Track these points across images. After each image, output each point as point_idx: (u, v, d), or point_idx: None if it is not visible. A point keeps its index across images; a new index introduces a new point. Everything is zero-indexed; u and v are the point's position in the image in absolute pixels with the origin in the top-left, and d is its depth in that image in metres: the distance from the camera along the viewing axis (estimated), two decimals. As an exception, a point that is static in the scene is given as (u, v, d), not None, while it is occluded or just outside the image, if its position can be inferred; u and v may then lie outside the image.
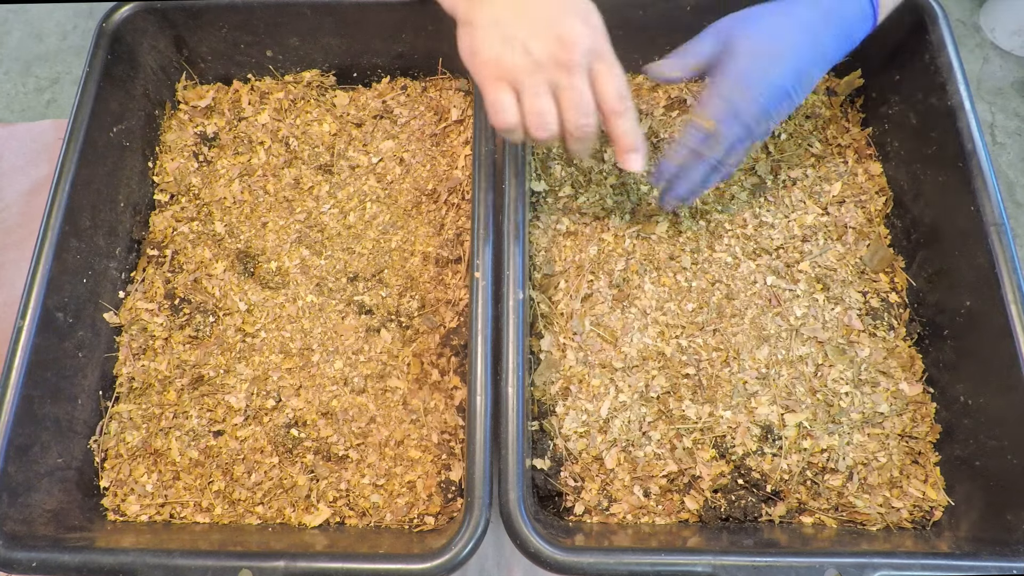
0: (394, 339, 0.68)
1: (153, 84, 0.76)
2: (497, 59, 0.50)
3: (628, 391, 0.64)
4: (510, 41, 0.49)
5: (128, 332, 0.69)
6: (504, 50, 0.50)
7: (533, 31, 0.49)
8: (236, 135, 0.78)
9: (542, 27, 0.49)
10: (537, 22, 0.49)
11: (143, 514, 0.63)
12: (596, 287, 0.68)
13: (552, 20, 0.49)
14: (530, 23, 0.49)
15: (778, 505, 0.60)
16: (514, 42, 0.49)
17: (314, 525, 0.61)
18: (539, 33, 0.49)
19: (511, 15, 0.50)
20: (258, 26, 0.74)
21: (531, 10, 0.50)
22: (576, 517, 0.61)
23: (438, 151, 0.76)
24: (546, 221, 0.72)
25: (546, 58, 0.49)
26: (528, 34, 0.49)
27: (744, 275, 0.68)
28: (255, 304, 0.70)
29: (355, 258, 0.71)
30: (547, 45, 0.49)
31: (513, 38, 0.49)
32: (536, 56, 0.49)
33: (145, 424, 0.65)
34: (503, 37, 0.50)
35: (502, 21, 0.50)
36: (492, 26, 0.50)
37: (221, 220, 0.73)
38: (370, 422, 0.65)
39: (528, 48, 0.49)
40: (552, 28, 0.49)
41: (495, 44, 0.50)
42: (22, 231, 0.78)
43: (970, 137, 0.62)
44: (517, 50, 0.49)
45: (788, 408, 0.63)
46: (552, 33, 0.49)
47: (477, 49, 0.51)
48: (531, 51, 0.49)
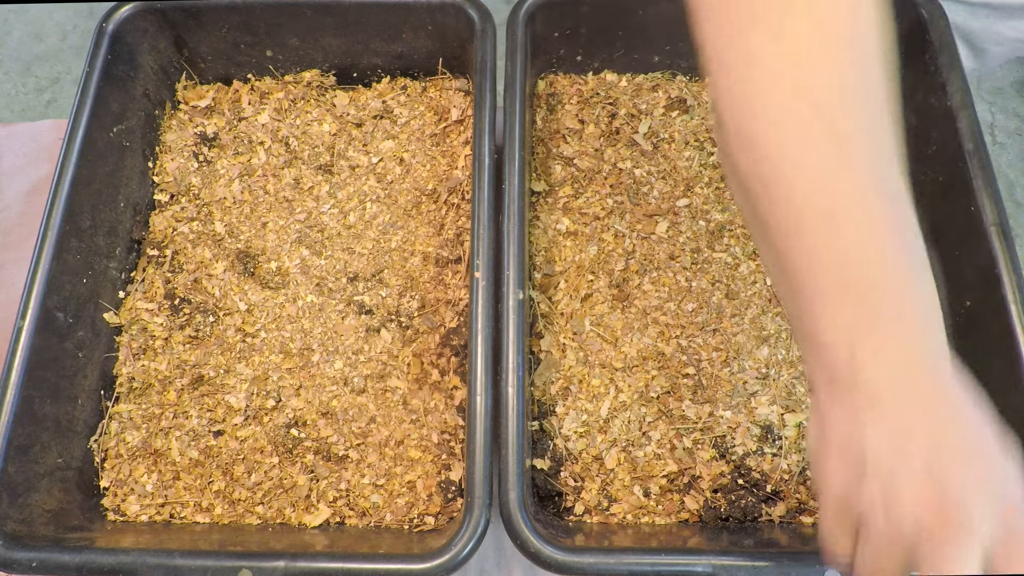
0: (394, 339, 0.68)
1: (153, 84, 0.76)
2: (846, 486, 0.36)
3: (628, 391, 0.64)
4: (868, 468, 0.35)
5: (128, 332, 0.69)
6: (861, 493, 0.35)
7: (906, 472, 0.34)
8: (236, 135, 0.78)
9: (921, 477, 0.34)
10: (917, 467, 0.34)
11: (143, 514, 0.63)
12: (596, 287, 0.68)
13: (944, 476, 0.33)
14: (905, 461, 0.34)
15: (778, 505, 0.60)
16: (873, 472, 0.35)
17: (314, 525, 0.61)
18: (913, 484, 0.34)
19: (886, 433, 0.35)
20: (258, 26, 0.74)
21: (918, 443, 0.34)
22: (576, 517, 0.61)
23: (438, 151, 0.76)
24: (546, 221, 0.72)
25: (910, 525, 0.34)
26: (898, 471, 0.34)
27: (744, 275, 0.68)
28: (255, 304, 0.70)
29: (355, 258, 0.71)
30: (919, 508, 0.33)
31: (875, 466, 0.35)
32: (897, 515, 0.34)
33: (145, 424, 0.65)
34: (861, 459, 0.35)
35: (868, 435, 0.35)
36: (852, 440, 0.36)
37: (221, 220, 0.73)
38: (370, 422, 0.65)
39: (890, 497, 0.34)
40: (936, 489, 0.33)
41: (848, 467, 0.36)
42: (22, 231, 0.78)
43: (970, 137, 0.62)
44: (877, 501, 0.35)
45: (788, 408, 0.63)
46: (934, 495, 0.33)
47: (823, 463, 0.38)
48: (893, 503, 0.34)
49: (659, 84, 0.78)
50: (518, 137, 0.65)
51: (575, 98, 0.78)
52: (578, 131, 0.76)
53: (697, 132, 0.75)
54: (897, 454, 0.35)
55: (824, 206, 0.36)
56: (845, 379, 0.36)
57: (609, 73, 0.79)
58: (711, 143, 0.74)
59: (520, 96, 0.67)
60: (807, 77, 0.36)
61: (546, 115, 0.77)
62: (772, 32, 0.37)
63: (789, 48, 0.36)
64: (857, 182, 0.35)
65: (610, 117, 0.76)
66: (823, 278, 0.36)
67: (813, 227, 0.36)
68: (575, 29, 0.74)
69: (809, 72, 0.36)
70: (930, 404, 0.35)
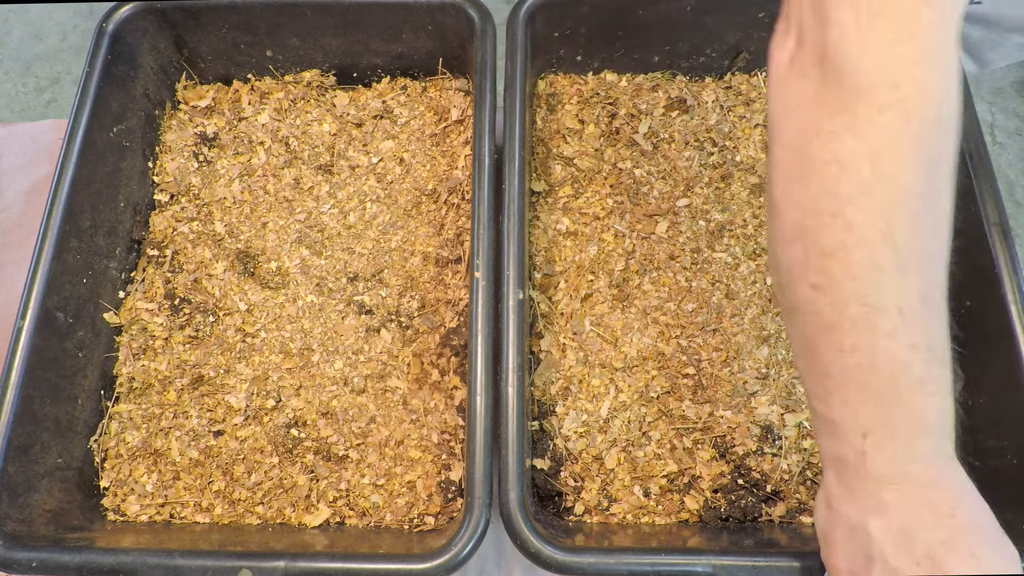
0: (394, 339, 0.68)
1: (153, 84, 0.76)
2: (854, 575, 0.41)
3: (628, 391, 0.64)
4: (875, 564, 0.39)
5: (128, 332, 0.69)
6: (864, 572, 0.40)
7: (910, 570, 0.38)
8: (236, 135, 0.78)
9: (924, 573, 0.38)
10: (922, 566, 0.38)
11: (143, 514, 0.63)
12: (596, 287, 0.68)
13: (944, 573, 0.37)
14: (909, 560, 0.38)
15: (778, 505, 0.60)
16: (880, 568, 0.39)
17: (314, 525, 0.61)
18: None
19: (890, 535, 0.39)
20: (258, 26, 0.74)
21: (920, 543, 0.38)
22: (576, 517, 0.61)
23: (438, 151, 0.76)
24: (546, 221, 0.72)
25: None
26: (901, 570, 0.38)
27: (744, 275, 0.68)
28: (255, 304, 0.70)
29: (355, 258, 0.71)
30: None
31: (881, 563, 0.39)
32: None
33: (145, 424, 0.65)
34: (868, 555, 0.39)
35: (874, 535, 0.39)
36: (857, 534, 0.40)
37: (221, 220, 0.73)
38: (370, 422, 0.65)
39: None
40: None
41: (856, 557, 0.40)
42: (22, 231, 0.78)
43: (970, 137, 0.62)
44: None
45: (788, 408, 0.63)
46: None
47: (836, 544, 0.42)
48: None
49: (659, 84, 0.78)
50: (518, 137, 0.65)
51: (575, 98, 0.78)
52: (578, 131, 0.76)
53: (697, 132, 0.75)
54: (900, 551, 0.38)
55: (868, 311, 0.37)
56: (855, 467, 0.40)
57: (609, 73, 0.79)
58: (711, 143, 0.74)
59: (520, 96, 0.67)
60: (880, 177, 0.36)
61: (546, 115, 0.77)
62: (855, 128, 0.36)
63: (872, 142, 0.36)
64: (906, 290, 0.37)
65: (610, 117, 0.76)
66: (852, 375, 0.38)
67: (851, 326, 0.37)
68: (575, 29, 0.74)
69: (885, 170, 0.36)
70: (932, 504, 0.38)
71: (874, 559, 0.39)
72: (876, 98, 0.35)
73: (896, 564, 0.38)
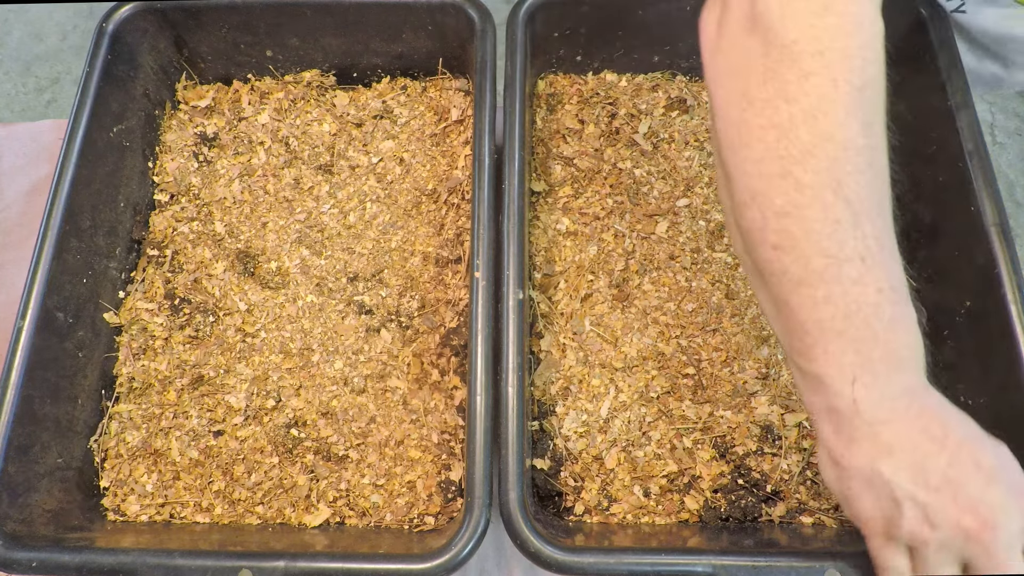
0: (394, 339, 0.68)
1: (153, 84, 0.76)
2: (888, 520, 0.41)
3: (628, 391, 0.64)
4: (903, 503, 0.40)
5: (128, 332, 0.69)
6: (897, 513, 0.41)
7: (938, 499, 0.40)
8: (236, 135, 0.78)
9: (949, 495, 0.39)
10: (944, 490, 0.39)
11: (143, 514, 0.63)
12: (596, 287, 0.68)
13: (963, 487, 0.39)
14: (931, 486, 0.40)
15: (778, 505, 0.60)
16: (909, 505, 0.40)
17: (314, 525, 0.61)
18: (946, 504, 0.39)
19: (903, 472, 0.40)
20: (258, 26, 0.74)
21: (930, 464, 0.40)
22: (576, 517, 0.61)
23: (438, 151, 0.76)
24: (546, 221, 0.72)
25: (955, 533, 0.39)
26: (931, 501, 0.40)
27: (744, 275, 0.68)
28: (255, 304, 0.70)
29: (355, 258, 0.71)
30: (957, 518, 0.39)
31: (907, 503, 0.40)
32: (943, 532, 0.39)
33: (145, 424, 0.65)
34: (893, 499, 0.41)
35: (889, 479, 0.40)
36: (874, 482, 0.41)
37: (221, 220, 0.73)
38: (370, 422, 0.65)
39: (931, 519, 0.40)
40: (962, 499, 0.39)
41: (883, 503, 0.41)
42: (22, 231, 0.78)
43: (970, 137, 0.62)
44: (914, 516, 0.40)
45: (788, 408, 0.63)
46: (963, 505, 0.39)
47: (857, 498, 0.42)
48: (936, 523, 0.40)
49: (659, 84, 0.78)
50: (518, 137, 0.65)
51: (575, 98, 0.78)
52: (578, 131, 0.76)
53: (697, 132, 0.75)
54: (921, 487, 0.40)
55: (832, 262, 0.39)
56: (849, 416, 0.41)
57: (609, 73, 0.79)
58: (711, 143, 0.74)
59: (520, 96, 0.67)
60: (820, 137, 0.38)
61: (546, 115, 0.77)
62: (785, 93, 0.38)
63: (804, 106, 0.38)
64: (863, 238, 0.39)
65: (610, 117, 0.76)
66: (827, 325, 0.40)
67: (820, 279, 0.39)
68: (575, 29, 0.74)
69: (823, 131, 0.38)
70: (928, 433, 0.40)
71: (900, 500, 0.40)
72: (802, 65, 0.37)
73: (923, 498, 0.40)
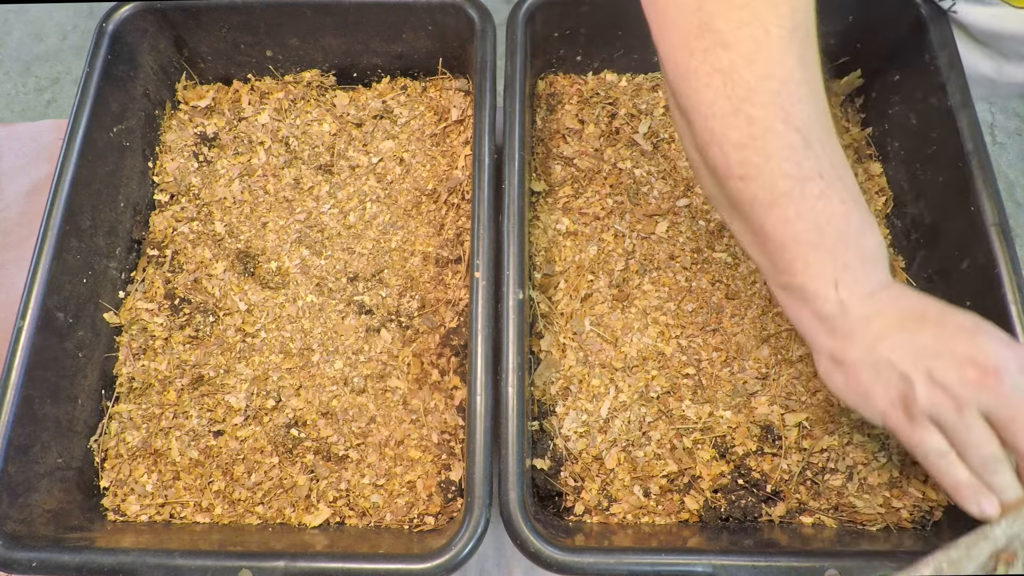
0: (394, 339, 0.68)
1: (153, 84, 0.76)
2: (904, 398, 0.44)
3: (628, 391, 0.64)
4: (911, 375, 0.43)
5: (128, 332, 0.69)
6: (908, 387, 0.43)
7: (939, 362, 0.42)
8: (236, 135, 0.78)
9: (947, 356, 0.42)
10: (942, 354, 0.42)
11: (143, 514, 0.63)
12: (596, 287, 0.68)
13: (956, 346, 0.42)
14: (929, 354, 0.43)
15: (778, 505, 0.60)
16: (917, 375, 0.43)
17: (314, 525, 0.61)
18: (948, 364, 0.42)
19: (900, 348, 0.43)
20: (258, 26, 0.74)
21: (922, 337, 0.43)
22: (576, 517, 0.61)
23: (438, 151, 0.76)
24: (546, 221, 0.72)
25: (965, 388, 0.42)
26: (934, 365, 0.42)
27: (744, 275, 0.68)
28: (255, 304, 0.70)
29: (355, 258, 0.71)
30: (960, 372, 0.42)
31: (914, 373, 0.43)
32: (954, 390, 0.42)
33: (145, 424, 0.65)
34: (900, 375, 0.43)
35: (890, 358, 0.43)
36: (879, 367, 0.44)
37: (221, 220, 0.73)
38: (370, 422, 0.65)
39: (940, 381, 0.42)
40: (960, 355, 0.42)
41: (894, 384, 0.44)
42: (22, 231, 0.78)
43: (970, 137, 0.62)
44: (924, 383, 0.43)
45: (788, 408, 0.63)
46: (962, 359, 0.42)
47: (869, 391, 0.45)
48: (945, 383, 0.42)
49: (659, 84, 0.78)
50: (518, 137, 0.65)
51: (575, 98, 0.78)
52: (578, 131, 0.76)
53: (697, 132, 0.75)
54: (921, 357, 0.43)
55: (795, 182, 0.43)
56: (840, 317, 0.45)
57: (609, 73, 0.79)
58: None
59: (520, 96, 0.67)
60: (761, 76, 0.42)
61: (546, 115, 0.77)
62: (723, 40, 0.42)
63: (741, 51, 0.42)
64: (817, 158, 0.43)
65: (610, 117, 0.76)
66: (803, 239, 0.44)
67: (788, 199, 0.43)
68: (575, 29, 0.74)
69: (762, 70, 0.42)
70: (911, 314, 0.44)
71: (907, 373, 0.43)
72: (732, 16, 0.41)
73: (926, 365, 0.42)
